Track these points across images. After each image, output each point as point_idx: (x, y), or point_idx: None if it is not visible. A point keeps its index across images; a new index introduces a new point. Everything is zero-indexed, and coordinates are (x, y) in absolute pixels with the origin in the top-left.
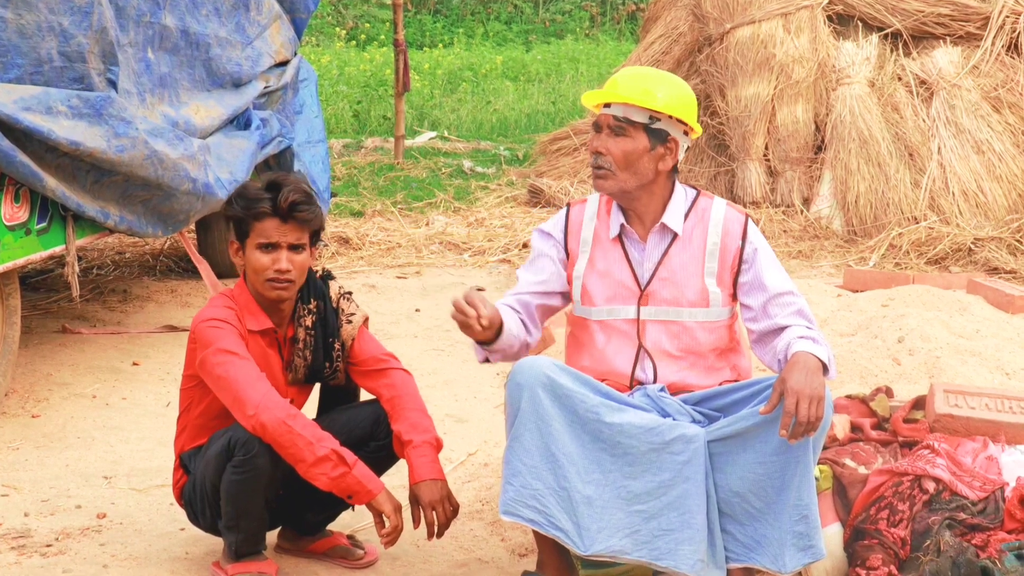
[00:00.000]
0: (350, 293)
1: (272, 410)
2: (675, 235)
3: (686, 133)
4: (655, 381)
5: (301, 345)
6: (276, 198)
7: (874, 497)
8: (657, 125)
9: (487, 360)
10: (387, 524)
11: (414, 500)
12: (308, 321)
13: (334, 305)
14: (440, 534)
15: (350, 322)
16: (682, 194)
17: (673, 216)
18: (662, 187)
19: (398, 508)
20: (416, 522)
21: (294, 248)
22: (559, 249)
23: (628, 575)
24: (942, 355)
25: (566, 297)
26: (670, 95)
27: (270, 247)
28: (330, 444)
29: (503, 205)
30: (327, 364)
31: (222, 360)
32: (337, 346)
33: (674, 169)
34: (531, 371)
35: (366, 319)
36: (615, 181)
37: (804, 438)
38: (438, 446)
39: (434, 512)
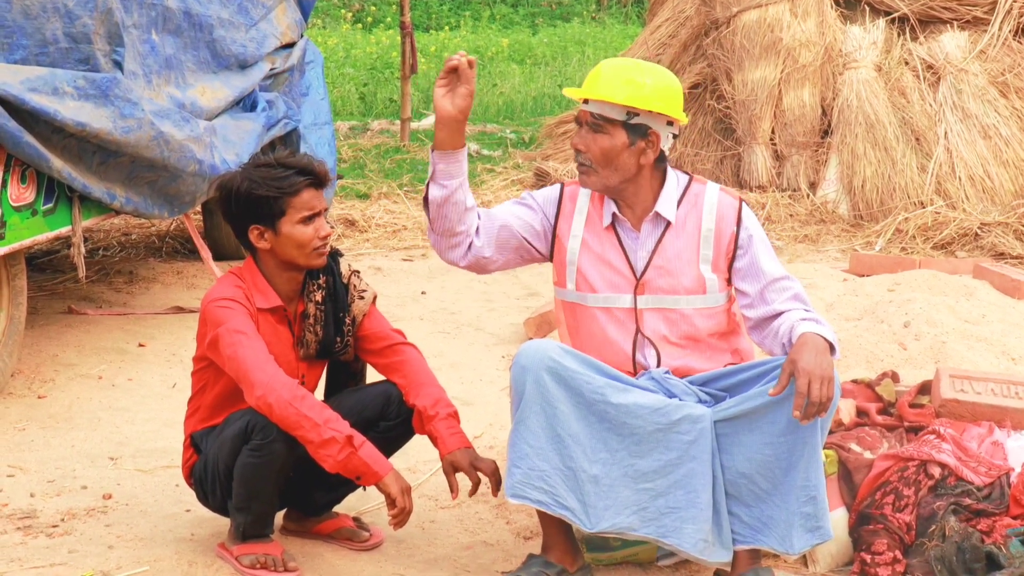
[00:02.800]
0: (358, 271)
1: (278, 391)
2: (668, 223)
3: (670, 123)
4: (658, 366)
5: (312, 320)
6: (308, 169)
7: (880, 482)
8: (636, 120)
9: (426, 198)
10: (396, 506)
11: (451, 469)
12: (318, 296)
13: (344, 281)
14: (497, 486)
15: (362, 298)
16: (674, 181)
17: (666, 204)
18: (649, 178)
19: (406, 490)
20: (455, 490)
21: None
22: (546, 219)
23: (632, 558)
24: (948, 340)
25: (521, 253)
26: (647, 89)
27: (312, 217)
28: (337, 426)
29: (509, 188)
30: (338, 339)
31: (232, 340)
32: (348, 320)
33: (661, 159)
34: (536, 354)
35: (375, 297)
36: (597, 178)
37: (815, 419)
38: (458, 417)
39: (478, 473)
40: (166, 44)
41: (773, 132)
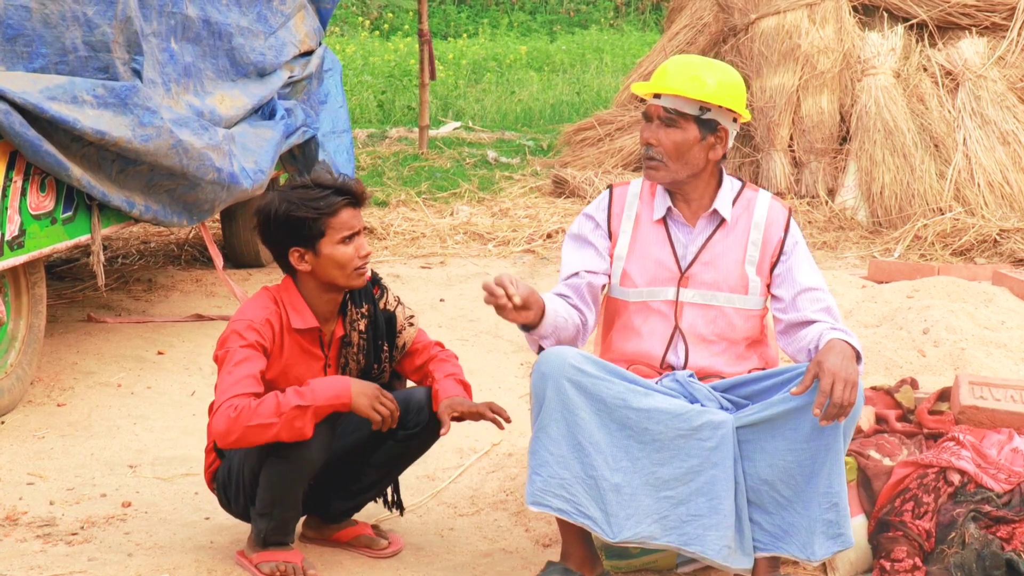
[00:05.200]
0: (399, 297)
1: (218, 424)
2: (722, 221)
3: (735, 120)
4: (685, 365)
5: (355, 349)
6: (345, 189)
7: (899, 489)
8: (708, 116)
9: (541, 349)
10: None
11: (447, 410)
12: (361, 325)
13: (390, 309)
14: (504, 412)
15: (412, 324)
16: (729, 183)
17: (723, 202)
18: (711, 175)
19: (375, 397)
20: (446, 425)
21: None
22: (603, 232)
23: (651, 566)
24: (967, 347)
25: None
26: (720, 84)
27: (352, 237)
28: (283, 408)
29: (527, 195)
30: (375, 366)
31: (222, 370)
32: (385, 348)
33: (723, 157)
34: (556, 361)
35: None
36: (667, 172)
37: (835, 422)
38: (469, 391)
39: (486, 409)
40: (185, 52)
41: (791, 139)
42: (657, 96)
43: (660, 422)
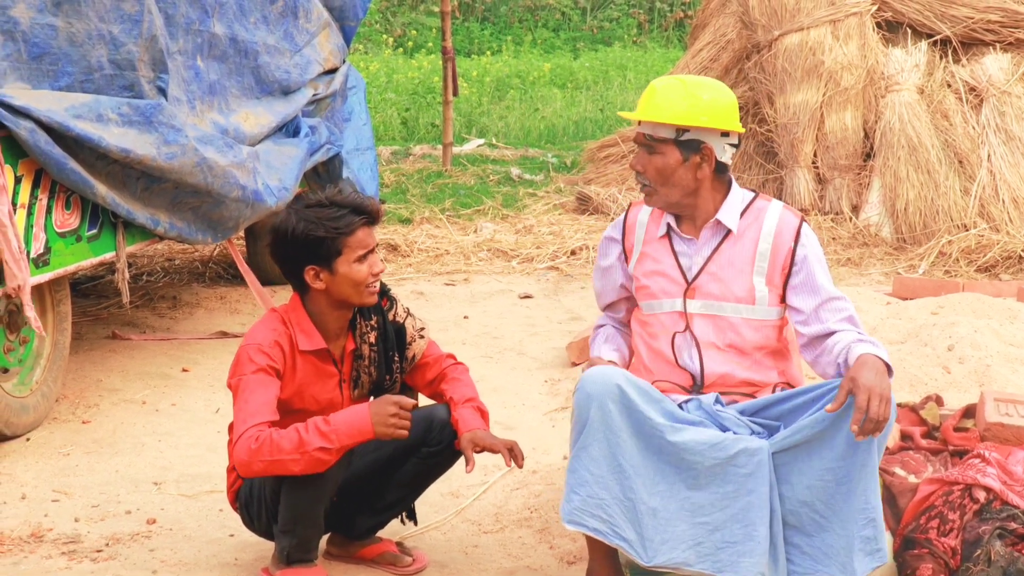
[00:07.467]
0: (409, 308)
1: (239, 454)
2: (728, 232)
3: (726, 134)
4: (701, 371)
5: (367, 362)
6: (362, 208)
7: (924, 506)
8: (686, 137)
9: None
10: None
11: (469, 445)
12: (372, 338)
13: (400, 321)
14: (521, 457)
15: (422, 337)
16: (739, 195)
17: (728, 214)
18: (710, 190)
19: (395, 425)
20: (470, 462)
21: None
22: (619, 252)
23: None
24: (992, 363)
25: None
26: (692, 105)
27: (367, 255)
28: (305, 447)
29: (551, 212)
30: (387, 377)
31: (237, 397)
32: (396, 359)
33: (720, 170)
34: (602, 382)
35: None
36: (659, 197)
37: (870, 437)
38: (486, 416)
39: (505, 449)
40: (211, 70)
41: (815, 155)
42: (641, 123)
43: (697, 452)
